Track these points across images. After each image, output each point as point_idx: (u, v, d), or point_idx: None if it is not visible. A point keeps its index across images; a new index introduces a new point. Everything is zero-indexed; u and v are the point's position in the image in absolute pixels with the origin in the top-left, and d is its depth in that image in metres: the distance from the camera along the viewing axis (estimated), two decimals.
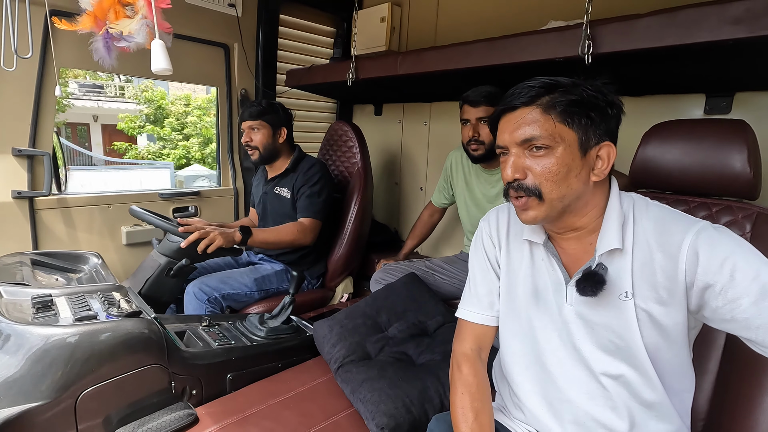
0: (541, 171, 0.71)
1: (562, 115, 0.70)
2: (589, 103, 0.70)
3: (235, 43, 2.17)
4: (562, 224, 0.77)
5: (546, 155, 0.71)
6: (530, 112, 0.72)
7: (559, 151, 0.70)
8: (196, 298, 1.59)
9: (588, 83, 0.72)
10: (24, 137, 1.65)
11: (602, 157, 0.72)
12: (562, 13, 1.51)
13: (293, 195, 1.80)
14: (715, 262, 0.64)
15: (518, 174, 0.73)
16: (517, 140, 0.73)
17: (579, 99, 0.70)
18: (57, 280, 1.45)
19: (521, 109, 0.73)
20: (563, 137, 0.70)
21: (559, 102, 0.70)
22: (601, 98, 0.71)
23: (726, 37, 0.97)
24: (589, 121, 0.70)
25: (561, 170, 0.70)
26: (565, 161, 0.70)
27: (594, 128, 0.71)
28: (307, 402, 1.13)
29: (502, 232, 0.88)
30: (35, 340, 0.95)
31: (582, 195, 0.73)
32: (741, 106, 1.38)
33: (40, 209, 1.72)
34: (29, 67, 1.60)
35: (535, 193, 0.72)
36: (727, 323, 0.65)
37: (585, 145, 0.71)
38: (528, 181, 0.72)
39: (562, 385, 0.78)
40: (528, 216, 0.74)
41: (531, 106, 0.72)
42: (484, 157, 1.57)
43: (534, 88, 0.72)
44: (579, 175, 0.71)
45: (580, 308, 0.75)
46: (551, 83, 0.72)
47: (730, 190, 0.90)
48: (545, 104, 0.71)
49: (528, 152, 0.72)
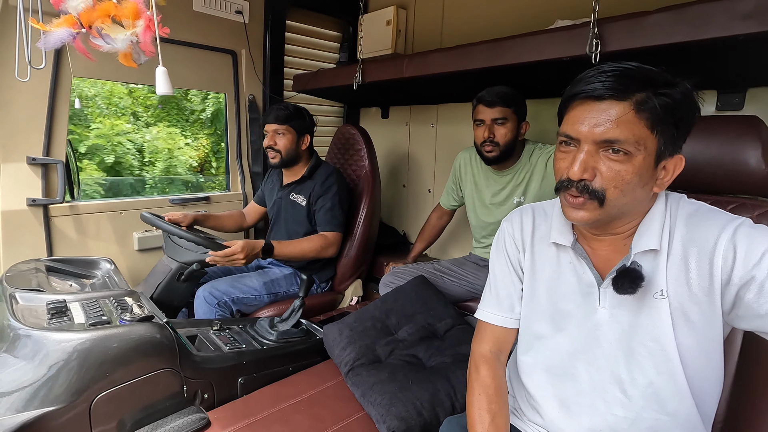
0: (613, 177, 0.64)
1: (653, 121, 0.62)
2: (682, 109, 0.63)
3: (243, 49, 2.19)
4: (605, 228, 0.73)
5: (623, 161, 0.63)
6: (621, 109, 0.62)
7: (638, 159, 0.63)
8: (206, 302, 1.61)
9: (682, 84, 0.63)
10: (38, 146, 1.68)
11: (668, 168, 0.66)
12: (569, 11, 1.51)
13: (309, 203, 1.80)
14: (754, 256, 0.61)
15: (587, 175, 0.65)
16: (596, 138, 0.64)
17: (673, 104, 0.62)
18: (71, 285, 1.47)
19: (609, 101, 0.63)
20: (646, 145, 0.63)
21: (657, 104, 0.61)
22: (692, 106, 0.64)
23: (737, 33, 0.96)
24: (675, 131, 0.63)
25: (633, 180, 0.64)
26: (640, 171, 0.64)
27: (677, 139, 0.64)
28: (317, 406, 1.13)
29: (526, 235, 0.85)
30: (50, 345, 0.96)
31: (639, 204, 0.69)
32: (754, 102, 1.36)
33: (54, 216, 1.75)
34: (43, 77, 1.63)
35: (598, 197, 0.65)
36: (760, 319, 0.62)
37: (661, 155, 0.65)
38: (595, 183, 0.65)
39: (583, 391, 0.76)
40: (579, 216, 0.68)
41: (623, 101, 0.62)
42: (499, 159, 1.56)
43: (627, 77, 0.62)
44: (646, 186, 0.66)
45: (615, 310, 0.72)
46: (646, 75, 0.62)
47: (744, 187, 0.88)
48: (640, 102, 0.61)
49: (603, 152, 0.64)
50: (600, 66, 0.65)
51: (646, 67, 0.64)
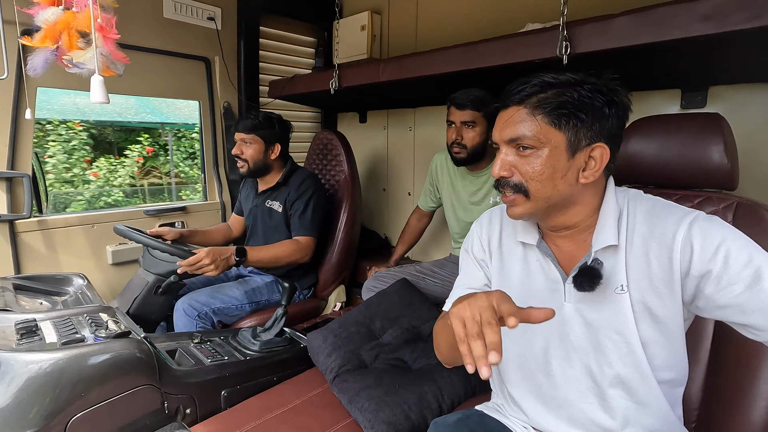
0: (526, 171, 0.72)
1: (550, 117, 0.70)
2: (583, 103, 0.70)
3: (216, 56, 2.16)
4: (554, 222, 0.77)
5: (532, 155, 0.72)
6: (519, 112, 0.72)
7: (545, 153, 0.71)
8: (185, 315, 1.57)
9: (589, 81, 0.71)
10: (2, 159, 1.61)
11: (595, 158, 0.72)
12: (539, 15, 1.54)
13: (285, 209, 1.78)
14: (709, 249, 0.65)
15: (504, 172, 0.74)
16: (504, 138, 0.74)
17: (570, 100, 0.70)
18: (41, 304, 1.41)
19: (512, 108, 0.73)
20: (549, 139, 0.70)
21: (549, 103, 0.70)
22: (598, 98, 0.70)
23: (696, 34, 1.00)
24: (578, 123, 0.70)
25: (545, 171, 0.71)
26: (551, 162, 0.71)
27: (585, 130, 0.70)
28: (303, 415, 1.11)
29: (493, 237, 0.88)
30: (20, 366, 0.92)
31: (570, 195, 0.73)
32: (715, 100, 1.42)
33: (21, 232, 1.68)
34: (6, 88, 1.57)
35: (521, 190, 0.73)
36: (721, 310, 0.65)
37: (574, 146, 0.71)
38: (514, 178, 0.74)
39: (557, 384, 0.78)
40: (514, 212, 0.76)
41: (520, 105, 0.72)
42: (466, 161, 1.58)
43: (527, 87, 0.72)
44: (565, 176, 0.71)
45: (579, 305, 0.75)
46: (546, 82, 0.72)
47: (710, 181, 0.92)
48: (533, 104, 0.71)
49: (515, 151, 0.73)
50: (517, 79, 0.74)
51: (558, 76, 0.72)
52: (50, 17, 0.92)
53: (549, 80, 0.72)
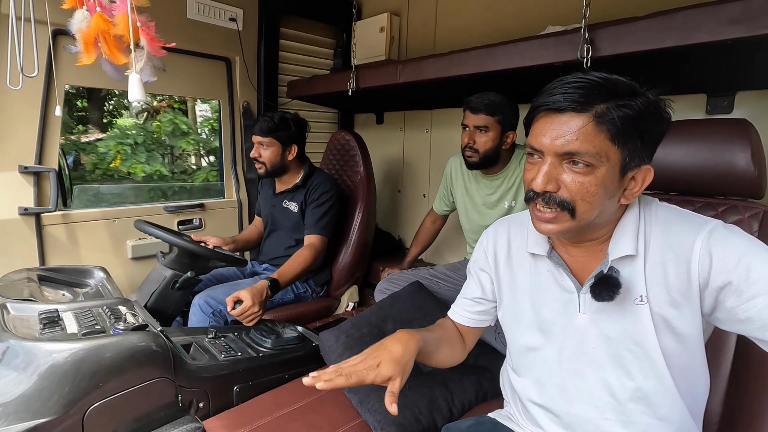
0: (578, 189, 0.64)
1: (615, 133, 0.61)
2: (646, 119, 0.62)
3: (237, 56, 2.19)
4: (577, 238, 0.73)
5: (586, 173, 0.63)
6: (581, 122, 0.62)
7: (601, 171, 0.63)
8: (201, 311, 1.59)
9: (647, 93, 0.63)
10: (30, 154, 1.67)
11: (637, 179, 0.66)
12: (560, 17, 1.53)
13: (302, 210, 1.80)
14: (730, 261, 0.62)
15: (551, 186, 0.65)
16: (558, 150, 0.64)
17: (637, 114, 0.61)
18: (63, 295, 1.45)
19: (570, 114, 0.63)
20: (609, 157, 0.62)
21: (617, 117, 0.61)
22: (657, 115, 0.63)
23: (725, 37, 0.98)
24: (639, 142, 0.63)
25: (598, 192, 0.64)
26: (604, 183, 0.63)
27: (642, 149, 0.64)
28: (314, 413, 1.12)
29: (501, 250, 0.85)
30: (42, 355, 0.95)
31: (608, 215, 0.69)
32: (743, 105, 1.38)
33: (47, 225, 1.73)
34: (35, 86, 1.63)
35: (568, 208, 0.65)
36: (741, 324, 0.63)
37: (626, 166, 0.64)
38: (562, 194, 0.65)
39: (572, 400, 0.75)
40: (551, 229, 0.68)
41: (583, 114, 0.62)
42: (479, 165, 1.57)
43: (588, 90, 0.62)
44: (612, 198, 0.66)
45: (595, 316, 0.72)
46: (607, 85, 0.62)
47: (735, 189, 0.89)
48: (600, 115, 0.61)
49: (566, 164, 0.64)
50: (564, 77, 0.65)
51: (610, 78, 0.63)
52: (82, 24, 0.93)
53: (605, 83, 0.62)
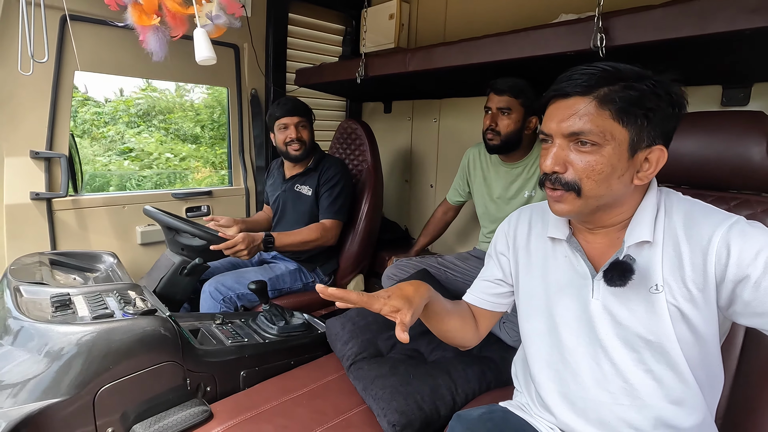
0: (584, 168, 0.67)
1: (619, 113, 0.65)
2: (651, 101, 0.65)
3: (245, 43, 2.18)
4: (594, 221, 0.75)
5: (592, 152, 0.66)
6: (584, 104, 0.66)
7: (607, 150, 0.66)
8: (211, 297, 1.61)
9: (654, 77, 0.66)
10: (41, 140, 1.69)
11: (650, 160, 0.68)
12: (574, 5, 1.49)
13: (316, 192, 1.83)
14: (748, 254, 0.62)
15: (558, 167, 0.69)
16: (564, 131, 0.68)
17: (640, 96, 0.64)
18: (74, 279, 1.48)
19: (575, 98, 0.67)
20: (614, 136, 0.65)
21: (619, 97, 0.64)
22: (665, 97, 0.65)
23: (743, 27, 0.95)
24: (645, 122, 0.65)
25: (605, 170, 0.66)
26: (611, 161, 0.66)
27: (649, 130, 0.66)
28: (319, 399, 1.13)
29: (521, 235, 0.87)
30: (55, 338, 0.97)
31: (621, 196, 0.70)
32: (760, 98, 1.35)
33: (58, 210, 1.76)
34: (46, 71, 1.63)
35: (574, 188, 0.68)
36: (759, 317, 0.63)
37: (635, 146, 0.66)
38: (567, 175, 0.69)
39: (586, 384, 0.76)
40: (560, 208, 0.71)
41: (586, 96, 0.66)
42: (500, 149, 1.56)
43: (593, 76, 0.66)
44: (622, 177, 0.68)
45: (607, 302, 0.73)
46: (613, 72, 0.66)
47: (749, 183, 0.88)
48: (602, 97, 0.65)
49: (573, 145, 0.68)
50: (576, 66, 0.69)
51: (618, 65, 0.67)
52: None
53: (613, 70, 0.66)
